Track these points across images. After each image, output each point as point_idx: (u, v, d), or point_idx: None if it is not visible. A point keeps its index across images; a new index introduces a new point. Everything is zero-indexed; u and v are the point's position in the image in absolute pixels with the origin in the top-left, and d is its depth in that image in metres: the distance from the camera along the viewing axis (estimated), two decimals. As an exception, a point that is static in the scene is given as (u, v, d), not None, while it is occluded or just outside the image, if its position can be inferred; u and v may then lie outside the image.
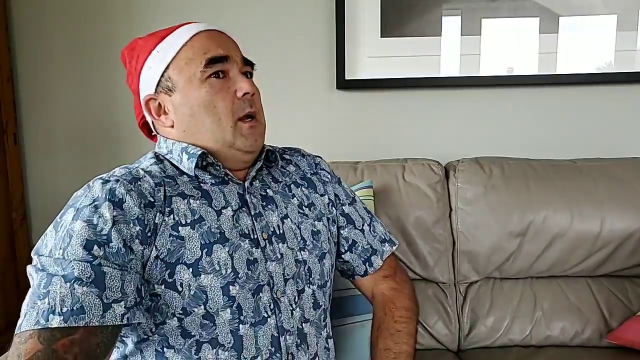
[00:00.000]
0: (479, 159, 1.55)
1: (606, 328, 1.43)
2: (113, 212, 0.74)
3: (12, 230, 1.75)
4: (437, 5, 1.65)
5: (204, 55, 0.85)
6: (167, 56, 0.87)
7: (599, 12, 1.64)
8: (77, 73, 1.77)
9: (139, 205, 0.77)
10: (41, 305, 0.68)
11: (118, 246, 0.73)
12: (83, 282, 0.69)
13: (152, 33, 0.91)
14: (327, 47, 1.71)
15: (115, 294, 0.71)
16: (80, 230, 0.72)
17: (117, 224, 0.74)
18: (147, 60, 0.88)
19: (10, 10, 1.75)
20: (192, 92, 0.85)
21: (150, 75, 0.88)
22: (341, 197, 1.05)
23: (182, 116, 0.87)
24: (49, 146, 1.81)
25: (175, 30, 0.88)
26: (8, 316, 1.72)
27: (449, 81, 1.70)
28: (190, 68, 0.85)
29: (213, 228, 0.83)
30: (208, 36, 0.88)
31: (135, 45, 0.92)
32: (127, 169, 0.83)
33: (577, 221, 1.45)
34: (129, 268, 0.74)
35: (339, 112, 1.75)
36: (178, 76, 0.86)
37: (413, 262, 1.49)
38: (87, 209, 0.74)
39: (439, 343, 1.46)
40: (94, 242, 0.72)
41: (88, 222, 0.73)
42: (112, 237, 0.73)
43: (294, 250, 0.91)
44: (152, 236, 0.78)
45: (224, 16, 1.71)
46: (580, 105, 1.72)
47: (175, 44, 0.87)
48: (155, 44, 0.88)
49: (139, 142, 1.79)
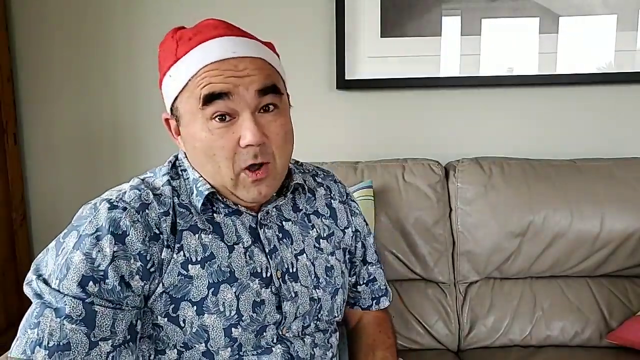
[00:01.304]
0: (479, 159, 1.55)
1: (606, 328, 1.43)
2: (114, 247, 0.73)
3: (12, 230, 1.75)
4: (437, 5, 1.65)
5: (201, 90, 0.75)
6: (177, 85, 0.78)
7: (599, 12, 1.64)
8: (77, 73, 1.77)
9: (143, 239, 0.75)
10: (31, 334, 0.70)
11: (114, 284, 0.72)
12: (73, 319, 0.70)
13: (173, 37, 0.81)
14: (327, 47, 1.71)
15: (104, 332, 0.72)
16: (78, 263, 0.72)
17: (116, 260, 0.73)
18: (164, 79, 0.81)
19: (10, 10, 1.75)
20: (194, 131, 0.78)
21: (166, 96, 0.82)
22: (369, 232, 1.04)
23: (189, 149, 0.82)
24: (49, 146, 1.81)
25: (191, 51, 0.77)
26: (8, 316, 1.73)
27: (449, 81, 1.70)
28: (192, 103, 0.77)
29: (223, 267, 0.80)
30: (218, 67, 0.75)
31: (162, 48, 0.83)
32: (138, 192, 0.79)
33: (577, 221, 1.45)
34: (123, 305, 0.74)
35: (339, 112, 1.75)
36: (184, 109, 0.79)
37: (413, 262, 1.49)
38: (88, 240, 0.73)
39: (439, 343, 1.46)
40: (89, 278, 0.72)
41: (87, 255, 0.72)
42: (109, 275, 0.72)
43: (309, 288, 0.88)
44: (157, 272, 0.76)
45: (224, 16, 1.71)
46: (580, 105, 1.72)
47: (185, 73, 0.77)
48: (170, 63, 0.79)
49: (139, 141, 1.79)
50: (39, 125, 1.80)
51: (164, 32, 0.85)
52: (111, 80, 1.77)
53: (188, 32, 0.80)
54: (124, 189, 0.80)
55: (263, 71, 0.78)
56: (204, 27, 0.80)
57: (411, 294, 1.49)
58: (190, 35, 0.79)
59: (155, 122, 1.76)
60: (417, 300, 1.48)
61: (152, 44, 1.76)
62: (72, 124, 1.80)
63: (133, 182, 0.83)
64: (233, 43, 0.78)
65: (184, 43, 0.78)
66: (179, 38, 0.79)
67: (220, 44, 0.77)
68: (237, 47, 0.77)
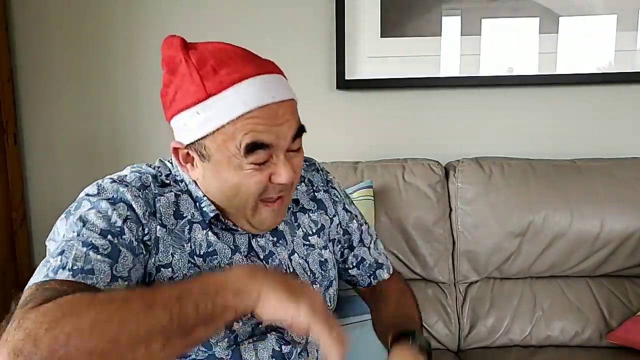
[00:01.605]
0: (479, 159, 1.55)
1: (606, 328, 1.43)
2: (127, 211, 0.75)
3: (12, 230, 1.75)
4: (437, 5, 1.65)
5: (244, 138, 0.73)
6: (209, 125, 0.74)
7: (599, 12, 1.64)
8: (77, 73, 1.77)
9: (144, 213, 0.77)
10: (53, 262, 0.68)
11: (130, 239, 0.74)
12: (99, 250, 0.70)
13: (188, 62, 0.75)
14: (327, 47, 1.71)
15: (124, 272, 0.71)
16: (95, 218, 0.73)
17: (128, 221, 0.74)
18: (182, 112, 0.76)
19: (11, 10, 1.74)
20: (226, 172, 0.76)
21: (183, 130, 0.77)
22: (352, 216, 1.04)
23: (208, 182, 0.81)
24: (49, 146, 1.81)
25: (226, 92, 0.73)
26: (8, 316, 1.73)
27: (449, 81, 1.70)
28: (229, 148, 0.74)
29: (223, 264, 0.82)
30: (260, 114, 0.73)
31: (175, 72, 0.77)
32: (138, 174, 0.81)
33: (577, 221, 1.45)
34: (139, 259, 0.75)
35: (339, 112, 1.75)
36: (215, 151, 0.75)
37: (413, 262, 1.49)
38: (103, 203, 0.75)
39: (439, 343, 1.46)
40: (108, 232, 0.72)
41: (104, 212, 0.74)
42: (125, 231, 0.74)
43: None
44: (153, 247, 0.78)
45: (224, 16, 1.71)
46: (580, 105, 1.72)
47: (221, 115, 0.73)
48: (198, 98, 0.74)
49: (139, 141, 1.79)
50: (39, 125, 1.80)
51: (164, 32, 0.84)
52: (111, 81, 1.77)
53: (207, 58, 0.75)
54: (124, 172, 0.82)
55: (295, 114, 0.79)
56: (225, 55, 0.76)
57: (411, 294, 1.49)
58: (214, 64, 0.74)
59: (155, 123, 1.76)
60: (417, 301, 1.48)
61: (153, 44, 1.77)
62: (72, 124, 1.80)
63: (132, 167, 0.84)
64: (269, 84, 0.76)
65: (209, 75, 0.74)
66: (200, 66, 0.74)
67: (258, 87, 0.74)
68: (273, 90, 0.76)
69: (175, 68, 0.76)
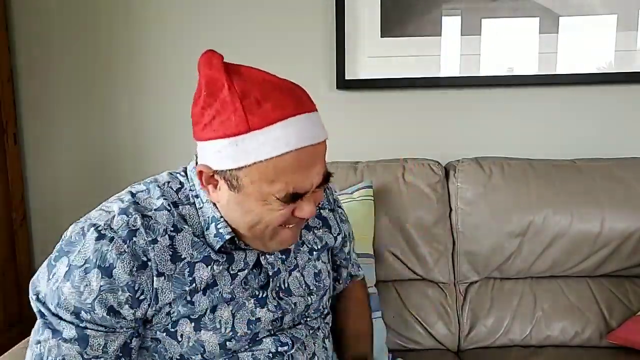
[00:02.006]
0: (479, 159, 1.55)
1: (606, 328, 1.43)
2: (100, 281, 0.75)
3: (12, 230, 1.75)
4: (437, 5, 1.65)
5: (285, 188, 0.74)
6: (247, 157, 0.72)
7: (599, 12, 1.64)
8: (77, 73, 1.77)
9: (130, 270, 0.75)
10: (35, 349, 0.78)
11: (102, 314, 0.76)
12: (67, 340, 0.76)
13: (230, 89, 0.72)
14: (327, 47, 1.71)
15: (96, 351, 0.77)
16: (68, 295, 0.76)
17: (102, 294, 0.75)
18: (219, 140, 0.73)
19: (11, 10, 1.75)
20: (253, 204, 0.76)
21: (216, 156, 0.75)
22: (350, 237, 1.10)
23: (231, 208, 0.79)
24: (49, 146, 1.81)
25: (269, 129, 0.71)
26: (8, 316, 1.73)
27: (449, 81, 1.70)
28: (263, 187, 0.74)
29: (225, 293, 0.83)
30: (298, 158, 0.73)
31: (214, 90, 0.74)
32: (126, 217, 0.78)
33: (577, 221, 1.45)
34: (117, 329, 0.78)
35: (339, 112, 1.75)
36: (248, 184, 0.74)
37: (413, 262, 1.49)
38: (77, 272, 0.75)
39: (439, 343, 1.46)
40: (80, 309, 0.76)
41: (76, 288, 0.75)
42: (96, 307, 0.75)
43: (304, 297, 0.92)
44: (148, 300, 0.78)
45: (224, 16, 1.71)
46: (580, 105, 1.72)
47: (260, 151, 0.71)
48: (239, 130, 0.71)
49: (139, 142, 1.79)
50: (39, 125, 1.80)
51: (164, 30, 0.84)
52: (111, 80, 1.77)
53: (251, 89, 0.72)
54: (113, 212, 0.79)
55: (325, 157, 0.80)
56: (272, 90, 0.74)
57: (411, 294, 1.49)
58: (258, 98, 0.72)
59: (156, 123, 1.76)
60: (417, 300, 1.48)
61: (153, 43, 1.77)
62: (72, 124, 1.80)
63: (123, 201, 0.81)
64: (310, 125, 0.76)
65: (253, 107, 0.71)
66: (243, 96, 0.72)
67: (301, 127, 0.74)
68: (314, 131, 0.76)
69: (216, 92, 0.73)
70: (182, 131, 1.74)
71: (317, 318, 0.96)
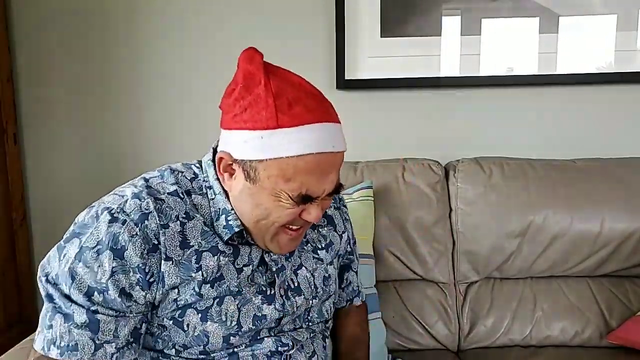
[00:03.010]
0: (479, 159, 1.55)
1: (606, 328, 1.43)
2: (113, 262, 0.76)
3: (12, 230, 1.75)
4: (437, 5, 1.65)
5: (299, 188, 0.77)
6: (266, 152, 0.76)
7: (599, 12, 1.64)
8: (77, 73, 1.77)
9: (142, 253, 0.77)
10: (46, 334, 0.78)
11: (114, 295, 0.77)
12: (78, 325, 0.76)
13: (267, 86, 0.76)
14: (327, 47, 1.71)
15: (107, 336, 0.78)
16: (82, 275, 0.77)
17: (115, 275, 0.77)
18: (247, 131, 0.77)
19: (11, 10, 1.75)
20: (265, 198, 0.79)
21: (240, 145, 0.78)
22: (352, 239, 1.09)
23: (242, 199, 0.82)
24: (49, 146, 1.81)
25: (295, 129, 0.75)
26: (8, 316, 1.73)
27: (449, 81, 1.70)
28: (278, 182, 0.77)
29: (232, 286, 0.84)
30: (318, 162, 0.77)
31: (250, 84, 0.78)
32: (139, 201, 0.79)
33: (577, 221, 1.45)
34: (127, 313, 0.79)
35: (339, 112, 1.72)
36: (265, 178, 0.77)
37: (413, 262, 1.49)
38: (89, 253, 0.77)
39: (439, 343, 1.46)
40: (94, 289, 0.77)
41: (90, 268, 0.77)
42: (109, 287, 0.77)
43: (309, 300, 0.93)
44: (157, 282, 0.79)
45: (224, 16, 1.71)
46: (580, 105, 1.72)
47: (282, 147, 0.75)
48: (267, 125, 0.75)
49: (140, 141, 1.79)
50: (39, 125, 1.80)
51: (164, 30, 0.84)
52: (111, 80, 1.77)
53: (286, 90, 0.77)
54: (126, 196, 0.81)
55: (340, 168, 0.83)
56: (304, 94, 0.78)
57: (411, 294, 1.49)
58: (290, 99, 0.76)
59: (156, 123, 1.76)
60: (417, 300, 1.48)
61: (153, 42, 1.77)
62: (72, 123, 1.80)
63: (136, 185, 0.83)
64: (332, 133, 0.80)
65: (284, 108, 0.76)
66: (277, 95, 0.76)
67: (323, 134, 0.78)
68: (335, 139, 0.80)
69: (252, 87, 0.77)
70: (182, 131, 1.75)
71: (319, 323, 0.97)
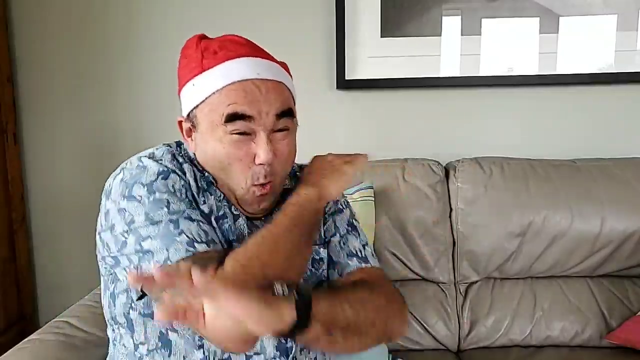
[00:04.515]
0: (479, 159, 1.55)
1: (606, 328, 1.43)
2: (181, 181, 0.81)
3: (12, 230, 1.75)
4: (437, 5, 1.65)
5: (226, 108, 0.78)
6: (199, 96, 0.81)
7: (599, 12, 1.64)
8: (77, 73, 1.77)
9: (181, 183, 0.82)
10: (180, 239, 0.75)
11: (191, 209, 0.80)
12: (203, 222, 0.79)
13: (197, 46, 0.83)
14: (327, 47, 1.71)
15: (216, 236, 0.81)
16: (168, 197, 0.78)
17: (182, 190, 0.80)
18: (185, 86, 0.83)
19: (10, 10, 1.74)
20: (211, 141, 0.81)
21: (184, 102, 0.84)
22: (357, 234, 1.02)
23: (200, 156, 0.85)
24: (49, 146, 1.81)
25: (218, 66, 0.80)
26: (8, 316, 1.72)
27: (449, 81, 1.70)
28: (213, 117, 0.80)
29: (233, 227, 0.85)
30: (243, 87, 0.79)
31: (184, 53, 0.85)
32: (164, 148, 0.86)
33: (577, 221, 1.45)
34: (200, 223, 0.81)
35: (339, 112, 1.75)
36: (203, 119, 0.81)
37: (413, 262, 1.49)
38: (159, 180, 0.79)
39: (439, 343, 1.46)
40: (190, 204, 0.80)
41: (165, 187, 0.79)
42: (185, 199, 0.80)
43: None
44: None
45: (223, 16, 1.71)
46: (580, 105, 1.72)
47: (209, 86, 0.80)
48: (195, 72, 0.81)
49: (139, 141, 1.79)
50: (39, 125, 1.80)
51: (163, 30, 0.86)
52: (111, 80, 1.77)
53: (213, 44, 0.82)
54: (153, 151, 0.86)
55: (281, 95, 0.82)
56: (230, 42, 0.83)
57: (411, 294, 1.48)
58: (216, 48, 0.81)
59: (156, 121, 1.76)
60: (417, 300, 1.48)
61: (152, 41, 1.77)
62: (72, 123, 1.80)
63: (150, 150, 0.87)
64: (257, 64, 0.81)
65: (209, 55, 0.81)
66: (204, 49, 0.82)
67: (246, 64, 0.81)
68: (260, 69, 0.81)
69: (187, 54, 0.84)
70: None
71: None
